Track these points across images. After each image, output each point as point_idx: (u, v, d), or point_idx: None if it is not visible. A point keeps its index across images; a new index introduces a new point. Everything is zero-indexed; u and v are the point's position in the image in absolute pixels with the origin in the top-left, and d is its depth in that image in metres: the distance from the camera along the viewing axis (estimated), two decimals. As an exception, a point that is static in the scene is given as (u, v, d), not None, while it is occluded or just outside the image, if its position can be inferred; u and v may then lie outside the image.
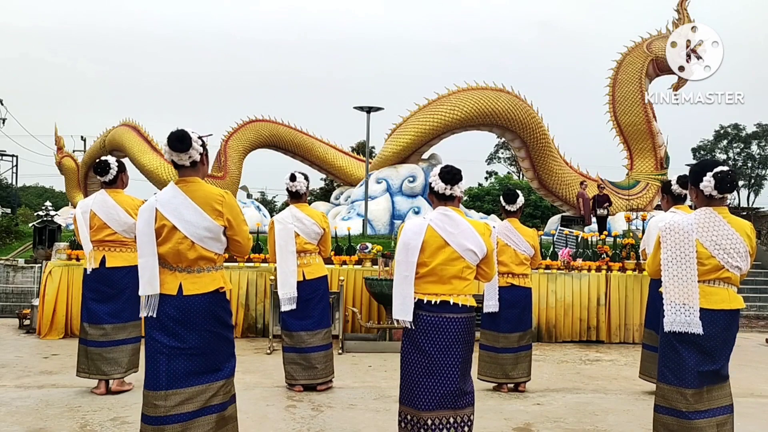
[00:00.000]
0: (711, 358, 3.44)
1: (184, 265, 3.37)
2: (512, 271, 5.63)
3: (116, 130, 21.62)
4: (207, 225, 3.36)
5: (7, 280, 10.80)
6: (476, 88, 17.70)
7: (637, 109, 17.95)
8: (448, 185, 3.59)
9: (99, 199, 5.36)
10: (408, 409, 3.49)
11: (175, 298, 3.33)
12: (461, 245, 3.50)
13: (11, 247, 15.79)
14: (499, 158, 51.24)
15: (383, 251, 8.82)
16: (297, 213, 5.63)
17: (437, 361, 3.43)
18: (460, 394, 3.47)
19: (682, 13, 17.80)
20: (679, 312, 3.41)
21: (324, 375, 5.61)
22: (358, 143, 34.72)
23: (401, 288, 3.50)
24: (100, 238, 5.31)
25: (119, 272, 5.29)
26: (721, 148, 52.30)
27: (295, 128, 20.82)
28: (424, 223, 3.55)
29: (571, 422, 4.85)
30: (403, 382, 3.55)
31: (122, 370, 5.33)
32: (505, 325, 5.62)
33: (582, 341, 8.56)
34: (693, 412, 3.42)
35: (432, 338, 3.45)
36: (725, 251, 3.42)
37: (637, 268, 8.78)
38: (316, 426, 4.59)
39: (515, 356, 5.66)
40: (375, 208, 17.15)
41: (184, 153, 3.37)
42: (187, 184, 3.42)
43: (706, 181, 3.45)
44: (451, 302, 3.47)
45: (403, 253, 3.52)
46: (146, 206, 3.42)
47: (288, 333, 5.62)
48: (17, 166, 42.89)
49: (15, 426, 4.42)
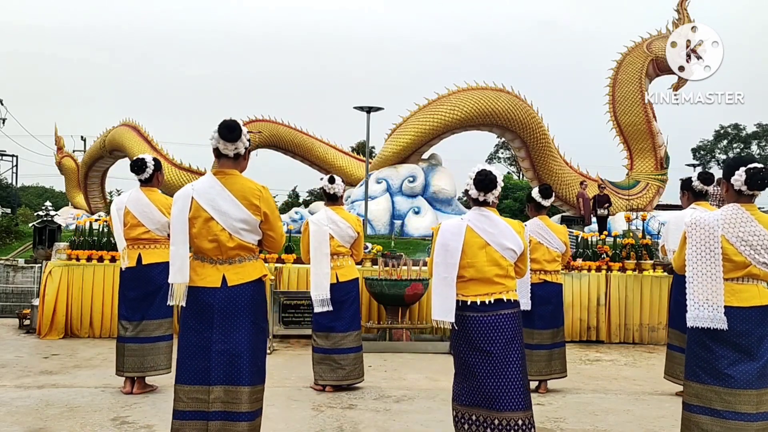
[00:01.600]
0: (749, 356, 3.37)
1: (225, 257, 3.35)
2: (544, 269, 5.63)
3: (116, 130, 21.64)
4: (243, 217, 3.34)
5: (7, 280, 10.79)
6: (476, 88, 17.71)
7: (637, 109, 17.96)
8: (481, 192, 3.59)
9: (134, 196, 5.38)
10: (472, 410, 3.47)
11: (219, 290, 3.31)
12: (501, 245, 3.52)
13: (11, 247, 15.79)
14: (499, 158, 51.25)
15: (383, 251, 8.83)
16: (332, 215, 5.64)
17: (500, 361, 3.44)
18: (526, 394, 3.48)
19: (682, 13, 17.81)
20: (703, 308, 3.38)
21: (352, 377, 5.64)
22: (358, 143, 34.76)
23: (441, 289, 3.51)
24: (134, 236, 5.32)
25: (156, 268, 5.28)
26: (721, 148, 52.27)
27: (295, 128, 20.84)
28: (463, 224, 3.56)
29: (571, 422, 4.85)
30: (462, 384, 3.53)
31: (162, 366, 5.33)
32: (540, 321, 5.61)
33: (582, 341, 8.56)
34: (731, 412, 3.33)
35: (492, 338, 3.46)
36: (752, 248, 3.38)
37: (637, 268, 8.78)
38: (316, 426, 4.59)
39: (549, 353, 5.67)
40: (375, 208, 17.15)
41: (232, 143, 3.35)
42: (225, 175, 3.39)
43: (737, 175, 3.44)
44: (504, 299, 3.51)
45: (441, 255, 3.53)
46: (181, 194, 3.39)
47: (320, 334, 5.64)
48: (17, 166, 43.01)
49: (15, 426, 4.42)
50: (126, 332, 5.31)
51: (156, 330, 5.34)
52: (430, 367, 6.70)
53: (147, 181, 5.43)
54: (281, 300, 7.95)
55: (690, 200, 5.60)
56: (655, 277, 8.61)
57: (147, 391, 5.35)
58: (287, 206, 32.10)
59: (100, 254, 8.27)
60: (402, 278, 7.71)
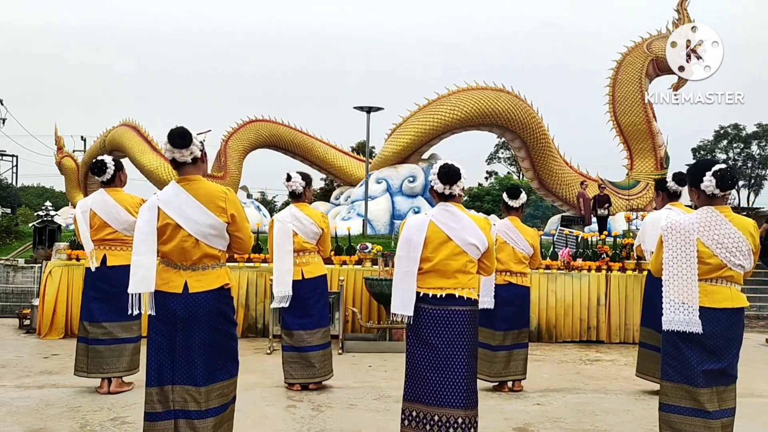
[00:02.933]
0: (716, 357, 3.44)
1: (189, 263, 3.39)
2: (510, 269, 5.63)
3: (116, 130, 21.63)
4: (211, 222, 3.38)
5: (7, 280, 10.80)
6: (476, 88, 17.71)
7: (637, 109, 17.96)
8: (446, 185, 3.62)
9: (98, 198, 5.36)
10: (414, 405, 3.48)
11: (181, 296, 3.35)
12: (463, 240, 3.54)
13: (11, 247, 15.80)
14: (499, 158, 51.27)
15: (383, 251, 8.82)
16: (296, 212, 5.65)
17: (444, 355, 3.44)
18: (469, 393, 3.47)
19: (682, 13, 17.80)
20: (678, 311, 3.42)
21: (322, 374, 5.62)
22: (358, 143, 34.74)
23: (402, 283, 3.53)
24: (100, 237, 5.32)
25: (120, 271, 5.26)
26: (721, 148, 52.27)
27: (295, 128, 20.82)
28: (426, 219, 3.59)
29: (571, 422, 4.85)
30: (409, 379, 3.55)
31: (123, 368, 5.33)
32: (501, 323, 5.61)
33: (582, 341, 8.56)
34: (701, 411, 3.40)
35: (438, 331, 3.47)
36: (728, 250, 3.42)
37: (637, 268, 8.78)
38: (316, 426, 4.59)
39: (509, 354, 5.66)
40: (375, 208, 17.15)
41: (186, 149, 3.39)
42: (189, 182, 3.44)
43: (707, 181, 3.46)
44: (456, 295, 3.51)
45: (405, 249, 3.55)
46: (148, 205, 3.43)
47: (287, 332, 5.64)
48: (17, 166, 43.00)
49: (15, 426, 4.42)
50: (88, 333, 5.28)
51: (123, 332, 5.32)
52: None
53: (109, 182, 5.39)
54: (281, 300, 7.93)
55: (664, 201, 5.64)
56: (655, 277, 8.59)
57: (124, 390, 5.34)
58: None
59: (100, 254, 8.25)
60: (402, 278, 7.69)
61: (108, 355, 5.27)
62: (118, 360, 5.30)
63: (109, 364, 5.28)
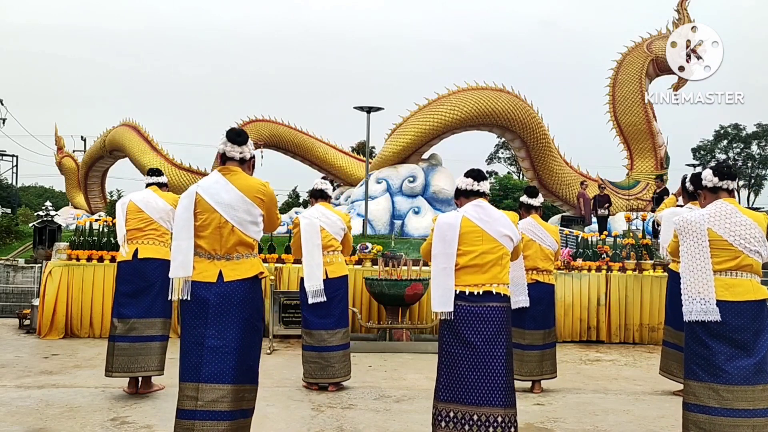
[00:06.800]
0: (746, 352, 3.42)
1: (223, 252, 3.42)
2: (537, 267, 5.64)
3: (116, 130, 21.64)
4: (247, 208, 3.44)
5: (7, 280, 10.81)
6: (476, 88, 17.71)
7: (637, 109, 17.97)
8: (475, 181, 3.70)
9: (144, 193, 5.56)
10: (450, 405, 3.45)
11: (215, 285, 3.37)
12: (498, 232, 3.58)
13: (11, 247, 15.82)
14: (499, 158, 51.27)
15: (383, 251, 8.83)
16: (323, 210, 5.77)
17: (484, 353, 3.44)
18: (509, 391, 3.45)
19: (682, 13, 17.81)
20: (695, 301, 3.48)
21: (341, 374, 5.65)
22: (358, 143, 34.73)
23: (440, 280, 3.54)
24: (134, 226, 5.35)
25: (151, 264, 5.29)
26: (721, 148, 52.26)
27: (295, 128, 20.83)
28: (459, 215, 3.63)
29: (571, 422, 4.85)
30: (444, 379, 3.52)
31: (153, 368, 5.27)
32: (531, 322, 5.61)
33: (582, 341, 8.56)
34: (727, 410, 3.37)
35: (477, 329, 3.47)
36: (741, 237, 3.49)
37: (637, 268, 8.78)
38: (316, 426, 4.60)
39: (541, 354, 5.66)
40: (375, 208, 17.15)
41: (239, 146, 3.52)
42: (229, 172, 3.52)
43: (707, 178, 3.65)
44: (493, 291, 3.52)
45: (440, 246, 3.58)
46: (187, 192, 3.51)
47: (308, 331, 5.66)
48: (17, 166, 43.04)
49: (15, 426, 4.42)
50: (116, 330, 5.25)
51: (148, 329, 5.28)
52: (430, 367, 6.68)
53: (162, 185, 5.68)
54: (281, 300, 7.95)
55: (686, 200, 5.69)
56: (655, 277, 8.61)
57: (153, 391, 5.32)
58: (287, 206, 32.13)
59: (100, 254, 8.28)
60: (402, 278, 7.71)
61: (134, 353, 5.21)
62: (146, 359, 5.23)
63: (138, 363, 5.22)
